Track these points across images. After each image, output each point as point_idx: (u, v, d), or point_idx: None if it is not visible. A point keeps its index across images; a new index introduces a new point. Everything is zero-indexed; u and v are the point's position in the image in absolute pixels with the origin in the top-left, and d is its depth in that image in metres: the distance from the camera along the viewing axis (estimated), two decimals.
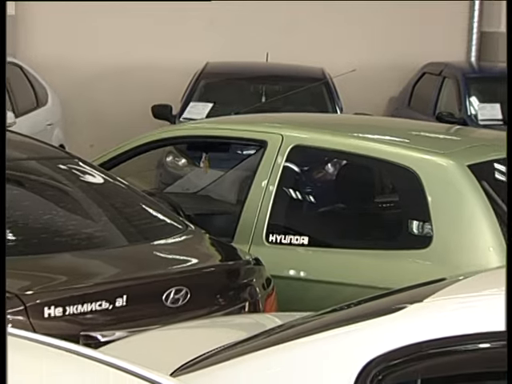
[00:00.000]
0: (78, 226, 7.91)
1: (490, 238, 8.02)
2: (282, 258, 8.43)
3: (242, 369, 4.66)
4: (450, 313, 4.48)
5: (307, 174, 9.32)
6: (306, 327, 4.91)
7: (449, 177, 8.40)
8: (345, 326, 4.63)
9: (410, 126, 11.41)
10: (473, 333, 4.29)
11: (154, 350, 4.95)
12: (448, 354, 4.28)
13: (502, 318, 4.38)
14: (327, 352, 4.51)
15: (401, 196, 8.73)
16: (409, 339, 4.33)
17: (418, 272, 6.14)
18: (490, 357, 4.35)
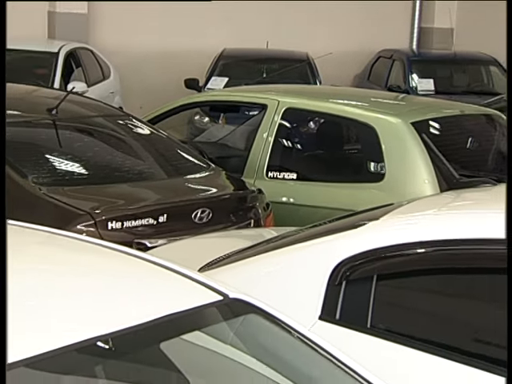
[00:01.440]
0: (132, 164, 7.92)
1: (425, 174, 8.03)
2: (277, 188, 8.42)
3: (250, 266, 4.67)
4: (398, 227, 4.50)
5: (296, 128, 9.31)
6: (294, 238, 4.92)
7: (397, 130, 8.40)
8: (322, 237, 4.64)
9: (369, 94, 11.49)
10: (414, 241, 4.30)
11: (186, 253, 4.96)
12: (395, 256, 4.29)
13: (435, 230, 4.39)
14: (311, 255, 4.52)
15: (363, 144, 8.72)
16: (368, 246, 4.34)
17: (374, 199, 6.13)
18: (427, 259, 4.36)
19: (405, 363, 4.02)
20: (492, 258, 4.17)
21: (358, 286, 4.31)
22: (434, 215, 4.73)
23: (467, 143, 9.20)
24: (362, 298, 4.27)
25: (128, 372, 2.78)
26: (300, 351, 3.06)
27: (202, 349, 2.93)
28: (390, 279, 4.34)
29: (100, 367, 2.68)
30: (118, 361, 2.70)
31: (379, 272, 4.31)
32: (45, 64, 14.85)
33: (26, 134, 7.88)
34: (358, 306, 4.27)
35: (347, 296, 4.29)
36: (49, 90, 10.10)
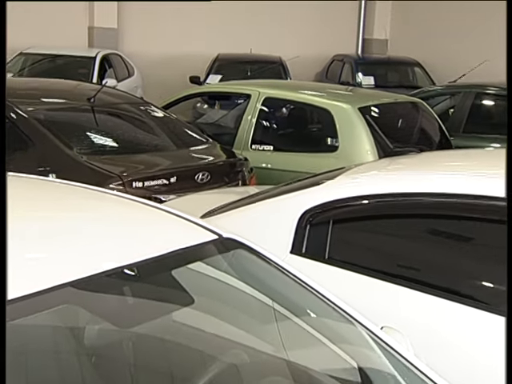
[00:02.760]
0: (149, 138, 7.97)
1: (368, 146, 8.05)
2: (258, 157, 8.41)
3: (239, 214, 4.65)
4: (347, 185, 4.46)
5: (272, 112, 9.30)
6: (271, 193, 4.89)
7: (348, 114, 8.41)
8: (292, 192, 4.62)
9: (327, 87, 11.48)
10: (360, 195, 4.27)
11: (191, 205, 4.93)
12: (346, 206, 4.26)
13: (375, 187, 4.37)
14: (284, 206, 4.49)
15: (322, 125, 8.76)
16: (326, 199, 4.31)
17: (330, 164, 6.09)
18: (370, 208, 4.31)
19: (353, 286, 4.00)
20: (416, 207, 4.16)
21: (318, 228, 4.28)
22: (375, 175, 4.70)
23: (398, 123, 9.25)
24: (321, 237, 4.25)
25: (148, 291, 2.78)
26: (277, 277, 3.05)
27: (203, 275, 2.93)
28: (342, 223, 4.30)
29: (128, 288, 2.69)
30: (142, 283, 2.70)
31: (334, 218, 4.28)
32: (86, 65, 15.11)
33: (72, 116, 7.94)
34: (318, 243, 4.25)
35: (310, 236, 4.28)
36: (88, 84, 10.13)
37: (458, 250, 4.18)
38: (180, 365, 2.71)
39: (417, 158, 5.61)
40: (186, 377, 2.60)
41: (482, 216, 4.00)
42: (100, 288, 2.54)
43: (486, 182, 4.08)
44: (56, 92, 8.59)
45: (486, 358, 3.67)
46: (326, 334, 3.02)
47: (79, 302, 2.52)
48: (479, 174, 4.28)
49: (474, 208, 3.97)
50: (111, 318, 2.67)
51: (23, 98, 7.74)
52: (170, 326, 2.86)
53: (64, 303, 2.44)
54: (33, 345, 2.44)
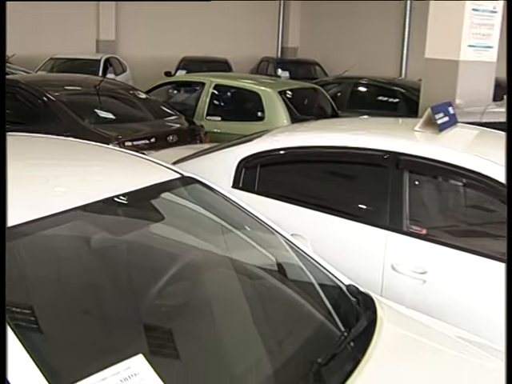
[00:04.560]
0: (136, 112, 7.90)
1: (284, 117, 8.03)
2: (211, 125, 8.34)
3: (197, 161, 4.59)
4: (269, 140, 4.37)
5: (220, 95, 9.18)
6: (219, 147, 4.81)
7: (271, 95, 8.36)
8: (233, 146, 4.55)
9: (257, 77, 11.22)
10: (278, 147, 4.24)
11: (165, 157, 4.81)
12: (268, 156, 4.23)
13: (288, 142, 4.31)
14: (228, 155, 4.41)
15: (254, 103, 8.61)
16: (255, 150, 4.26)
17: (259, 129, 5.92)
18: (286, 157, 4.24)
19: (274, 208, 3.96)
20: (315, 155, 4.12)
21: (250, 170, 4.23)
22: (288, 134, 4.64)
23: (304, 101, 9.23)
24: (253, 176, 4.21)
25: (133, 212, 2.74)
26: (222, 203, 3.02)
27: (171, 202, 2.88)
28: (266, 166, 4.25)
29: (120, 210, 2.64)
30: (129, 207, 2.65)
31: (261, 163, 4.23)
32: (94, 65, 15.08)
33: (84, 98, 7.84)
34: (250, 180, 4.20)
35: (245, 176, 4.22)
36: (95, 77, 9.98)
37: (344, 183, 4.19)
38: (156, 260, 2.66)
39: (316, 123, 5.56)
40: (160, 268, 2.55)
41: (361, 161, 3.99)
42: (100, 210, 2.50)
43: (363, 138, 4.06)
44: (74, 82, 8.58)
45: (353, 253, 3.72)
46: (257, 241, 2.99)
47: (87, 219, 2.48)
48: (358, 133, 4.26)
49: (355, 155, 3.96)
50: (109, 229, 2.62)
51: (52, 86, 7.75)
52: (149, 234, 2.81)
53: (76, 220, 2.41)
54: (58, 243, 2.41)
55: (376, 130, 4.42)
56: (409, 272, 3.50)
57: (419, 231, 3.58)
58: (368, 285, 3.06)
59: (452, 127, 4.22)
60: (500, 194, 3.47)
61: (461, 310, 3.36)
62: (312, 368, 2.18)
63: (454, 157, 3.60)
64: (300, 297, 2.72)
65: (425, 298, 3.43)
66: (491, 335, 3.01)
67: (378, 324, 2.48)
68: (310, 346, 2.35)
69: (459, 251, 3.46)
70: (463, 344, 2.66)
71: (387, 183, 3.69)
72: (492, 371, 2.55)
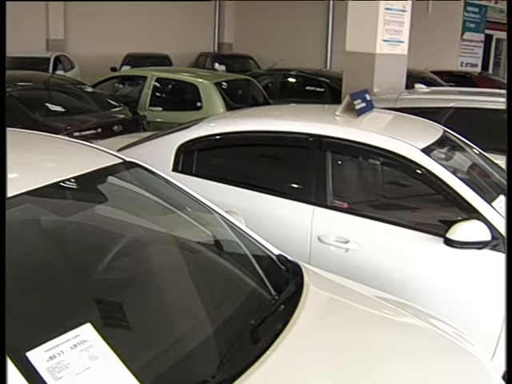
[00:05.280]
0: (83, 105, 7.76)
1: (220, 106, 8.02)
2: (153, 115, 8.27)
3: (139, 148, 4.53)
4: (205, 127, 4.34)
5: (161, 87, 9.08)
6: (160, 134, 4.75)
7: (207, 86, 8.33)
8: (173, 133, 4.50)
9: (195, 71, 10.97)
10: (213, 133, 4.22)
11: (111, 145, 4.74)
12: (204, 141, 4.20)
13: (223, 127, 4.28)
14: (168, 140, 4.36)
15: (192, 93, 8.56)
16: (193, 136, 4.24)
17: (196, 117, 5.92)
18: (220, 141, 4.21)
19: (210, 188, 3.93)
20: (247, 139, 4.13)
21: (188, 154, 4.21)
22: (222, 121, 4.61)
23: (238, 91, 9.20)
24: (191, 160, 4.19)
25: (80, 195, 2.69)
26: (163, 185, 3.00)
27: (115, 185, 2.85)
28: (203, 151, 4.23)
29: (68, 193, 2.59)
30: (76, 190, 2.60)
31: (197, 148, 4.22)
32: (44, 62, 14.59)
33: (35, 93, 7.66)
34: (188, 164, 4.18)
35: (184, 160, 4.20)
36: (45, 73, 9.76)
37: (274, 164, 4.21)
38: (101, 238, 2.64)
39: (248, 110, 5.54)
40: (105, 246, 2.54)
41: (289, 143, 4.02)
42: (48, 194, 2.45)
43: (290, 123, 4.08)
44: (25, 78, 8.30)
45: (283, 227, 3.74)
46: (194, 219, 2.99)
47: (35, 202, 2.43)
48: (286, 119, 4.27)
49: (283, 139, 3.98)
50: (56, 211, 2.58)
51: None
52: (94, 215, 2.78)
53: (26, 203, 2.37)
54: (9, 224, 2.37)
55: (302, 115, 4.46)
56: (333, 242, 3.57)
57: (342, 205, 3.64)
58: (297, 255, 3.09)
59: (369, 112, 4.29)
60: (411, 170, 3.56)
61: (380, 273, 3.44)
62: (246, 329, 2.21)
63: (371, 138, 3.67)
64: (235, 267, 2.75)
65: (348, 264, 3.50)
66: (406, 294, 3.10)
67: (304, 288, 2.52)
68: (244, 310, 2.39)
69: (377, 222, 3.55)
70: (380, 302, 2.73)
71: (312, 163, 3.75)
72: (403, 325, 2.63)
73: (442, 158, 3.78)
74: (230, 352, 2.11)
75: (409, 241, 3.45)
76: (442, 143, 4.04)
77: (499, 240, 3.32)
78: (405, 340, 2.51)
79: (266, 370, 2.02)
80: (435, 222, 3.51)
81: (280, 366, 2.06)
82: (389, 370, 2.23)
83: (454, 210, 3.46)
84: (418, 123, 4.44)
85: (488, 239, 3.28)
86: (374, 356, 2.28)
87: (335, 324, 2.47)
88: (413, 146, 3.58)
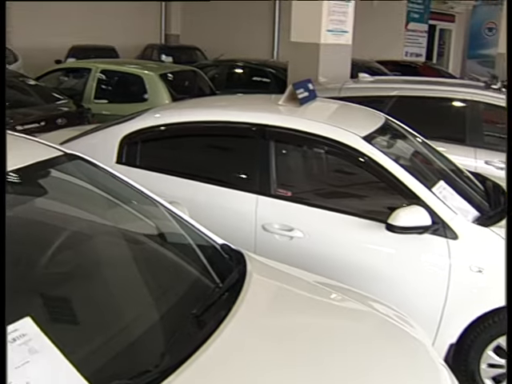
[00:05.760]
0: (26, 99, 7.67)
1: (166, 97, 8.01)
2: (98, 107, 8.17)
3: (83, 139, 4.48)
4: (148, 118, 4.31)
5: (105, 79, 8.93)
6: (104, 126, 4.68)
7: (152, 78, 8.28)
8: (117, 124, 4.44)
9: (141, 62, 11.02)
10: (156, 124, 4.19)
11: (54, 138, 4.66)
12: (146, 132, 4.17)
13: (166, 118, 4.26)
14: (112, 132, 4.33)
15: (138, 85, 8.52)
16: (136, 128, 4.20)
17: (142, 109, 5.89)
18: (163, 132, 4.18)
19: (154, 180, 3.91)
20: (191, 130, 4.11)
21: (132, 146, 4.17)
22: (167, 112, 4.56)
23: (184, 82, 9.17)
24: (134, 152, 4.16)
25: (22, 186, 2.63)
26: (105, 178, 2.97)
27: (56, 178, 2.81)
28: (146, 142, 4.20)
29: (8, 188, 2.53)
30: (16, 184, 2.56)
31: (141, 139, 4.19)
32: None
33: None
34: (132, 156, 4.15)
35: (127, 151, 4.16)
36: None
37: (218, 154, 4.21)
38: (42, 231, 2.61)
39: (192, 101, 5.53)
40: (46, 239, 2.51)
41: (233, 133, 4.03)
42: None
43: (234, 113, 4.09)
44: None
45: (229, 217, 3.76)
46: (138, 210, 2.97)
47: None
48: (229, 109, 4.28)
49: (227, 129, 3.98)
50: None
51: None
52: (34, 208, 2.75)
53: None
54: None
55: (245, 105, 4.47)
56: (277, 230, 3.60)
57: (285, 194, 3.67)
58: (243, 244, 3.11)
59: (312, 101, 4.33)
60: (353, 157, 3.61)
61: (324, 260, 3.49)
62: (189, 318, 2.23)
63: (312, 126, 3.71)
64: (178, 257, 2.75)
65: (292, 252, 3.54)
66: (349, 280, 3.15)
67: (247, 276, 2.55)
68: (187, 299, 2.40)
69: (321, 209, 3.59)
70: (322, 288, 2.77)
71: (256, 152, 3.76)
72: (346, 310, 2.68)
73: (383, 146, 3.83)
74: (173, 341, 2.12)
75: (352, 227, 3.51)
76: (384, 131, 4.10)
77: (439, 224, 3.41)
78: (348, 325, 2.56)
79: (209, 357, 2.03)
80: (377, 208, 3.57)
81: (222, 354, 2.08)
82: (333, 355, 2.27)
83: (395, 197, 3.52)
84: (361, 112, 4.50)
85: (428, 224, 3.35)
86: (318, 342, 2.32)
87: (278, 311, 2.50)
88: (354, 134, 3.63)
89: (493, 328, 3.48)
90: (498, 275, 3.38)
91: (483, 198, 4.09)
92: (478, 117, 5.97)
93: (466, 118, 5.95)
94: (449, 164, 4.41)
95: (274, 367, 2.10)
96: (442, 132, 5.88)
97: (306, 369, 2.12)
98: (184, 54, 17.62)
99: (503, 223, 3.62)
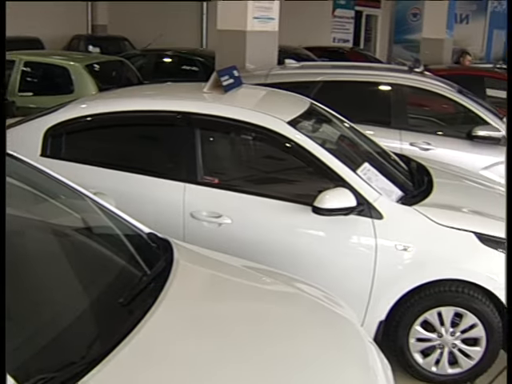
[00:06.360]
0: None
1: (92, 90, 7.85)
2: (24, 100, 7.96)
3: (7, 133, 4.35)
4: (73, 109, 4.21)
5: (30, 71, 8.70)
6: (29, 118, 4.55)
7: (78, 68, 8.13)
8: (40, 117, 4.30)
9: (66, 53, 10.68)
10: (81, 115, 4.12)
11: None
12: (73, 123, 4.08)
13: (90, 108, 4.19)
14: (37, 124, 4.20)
15: (63, 77, 8.33)
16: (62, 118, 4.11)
17: None
18: (88, 123, 4.09)
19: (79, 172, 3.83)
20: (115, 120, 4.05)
21: (57, 138, 4.07)
22: (92, 102, 4.48)
23: (111, 72, 9.03)
24: (60, 144, 4.08)
25: None
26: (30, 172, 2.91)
27: None
28: (71, 134, 4.11)
29: None
30: None
31: (66, 131, 4.11)
32: None
33: None
34: (58, 148, 4.06)
35: (52, 144, 4.07)
36: None
37: (144, 143, 4.18)
38: None
39: (118, 91, 5.34)
40: None
41: (158, 122, 4.00)
42: None
43: (158, 101, 4.07)
44: None
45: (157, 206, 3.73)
46: (63, 203, 2.94)
47: None
48: (154, 98, 4.25)
49: (152, 118, 3.96)
50: None
51: None
52: None
53: None
54: None
55: (170, 94, 4.44)
56: (206, 218, 3.61)
57: (212, 181, 3.68)
58: (172, 233, 3.11)
59: (238, 88, 4.34)
60: (279, 142, 3.64)
61: (253, 245, 3.52)
62: (115, 308, 2.22)
63: (237, 113, 3.73)
64: (105, 248, 2.73)
65: (221, 238, 3.55)
66: (279, 263, 3.19)
67: (174, 263, 2.54)
68: (114, 288, 2.39)
69: (249, 195, 3.62)
70: (251, 272, 2.80)
71: (182, 141, 3.75)
72: (275, 293, 2.71)
73: (308, 130, 3.89)
74: (100, 331, 2.10)
75: (280, 212, 3.55)
76: (310, 116, 4.15)
77: (364, 205, 3.49)
78: (278, 308, 2.59)
79: (136, 346, 2.03)
80: (305, 192, 3.62)
81: (148, 343, 2.07)
82: (262, 338, 2.29)
83: (321, 180, 3.58)
84: (286, 97, 4.54)
85: (353, 205, 3.42)
86: (247, 326, 2.34)
87: (206, 297, 2.52)
88: (279, 119, 3.67)
89: (419, 303, 3.59)
90: (423, 252, 3.50)
91: (407, 178, 4.20)
92: (402, 100, 6.11)
93: (391, 102, 6.08)
94: (374, 146, 4.51)
95: (202, 354, 2.10)
96: (369, 115, 5.99)
97: (236, 354, 2.14)
98: (112, 45, 17.31)
99: (426, 201, 3.73)
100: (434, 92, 6.06)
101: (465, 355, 3.72)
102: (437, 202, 3.76)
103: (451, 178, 4.56)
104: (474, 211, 3.82)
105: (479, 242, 3.52)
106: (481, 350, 3.67)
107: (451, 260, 3.53)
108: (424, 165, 4.56)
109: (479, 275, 3.52)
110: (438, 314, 3.63)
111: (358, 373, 2.31)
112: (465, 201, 4.01)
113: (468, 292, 3.54)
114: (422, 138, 5.90)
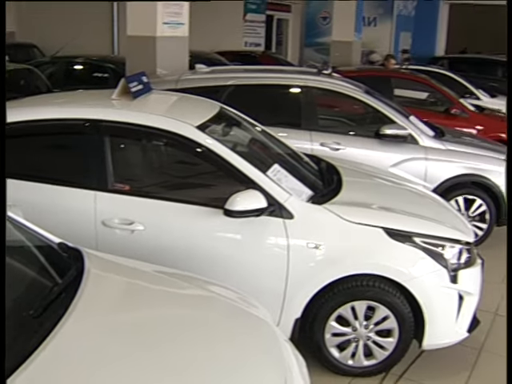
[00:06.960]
0: None
1: None
2: None
3: None
4: None
5: None
6: None
7: None
8: None
9: None
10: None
11: None
12: None
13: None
14: None
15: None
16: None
17: None
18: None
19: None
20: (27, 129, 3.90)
21: None
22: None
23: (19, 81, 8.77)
24: None
25: None
26: None
27: None
28: None
29: None
30: None
31: None
32: None
33: None
34: None
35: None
36: None
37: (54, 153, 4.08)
38: None
39: (23, 100, 5.14)
40: None
41: (65, 131, 3.92)
42: None
43: (64, 109, 3.99)
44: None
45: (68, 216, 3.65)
46: None
47: None
48: (59, 106, 4.14)
49: (59, 126, 3.87)
50: None
51: None
52: None
53: None
54: None
55: (78, 101, 4.38)
56: (118, 225, 3.58)
57: (123, 188, 3.66)
58: (85, 242, 3.09)
59: (147, 94, 4.32)
60: (188, 147, 3.66)
61: (166, 250, 3.52)
62: (25, 319, 2.19)
63: (145, 119, 3.73)
64: (14, 260, 2.67)
65: (135, 245, 3.54)
66: (192, 267, 3.21)
67: (85, 272, 2.52)
68: (24, 301, 2.35)
69: (160, 201, 3.62)
70: (164, 278, 2.80)
71: (91, 149, 3.71)
72: (188, 296, 2.72)
73: (218, 134, 3.92)
74: (10, 345, 2.06)
75: (192, 216, 3.57)
76: (219, 119, 4.19)
77: (275, 206, 3.55)
78: (193, 311, 2.60)
79: (45, 358, 2.00)
80: (217, 195, 3.65)
81: (58, 354, 2.05)
82: (180, 343, 2.29)
83: (232, 183, 3.62)
84: (195, 102, 4.56)
85: (264, 206, 3.48)
86: (164, 332, 2.34)
87: (119, 304, 2.51)
88: (187, 124, 3.69)
89: (333, 299, 3.69)
90: (334, 249, 3.59)
91: (317, 177, 4.29)
92: (311, 102, 6.23)
93: (301, 104, 6.20)
94: (285, 148, 4.58)
95: (117, 362, 2.08)
96: (280, 118, 6.09)
97: (154, 361, 2.12)
98: (20, 52, 16.84)
99: (336, 200, 3.83)
100: (341, 93, 6.22)
101: (379, 347, 3.83)
102: (346, 199, 3.86)
103: (360, 176, 4.69)
104: (383, 207, 3.94)
105: (388, 236, 3.64)
106: (394, 340, 3.79)
107: (361, 255, 3.63)
108: (334, 164, 4.67)
109: (389, 269, 3.64)
110: (352, 309, 3.73)
111: (274, 374, 2.35)
112: (373, 198, 4.13)
113: (379, 285, 3.65)
114: (332, 138, 6.04)
